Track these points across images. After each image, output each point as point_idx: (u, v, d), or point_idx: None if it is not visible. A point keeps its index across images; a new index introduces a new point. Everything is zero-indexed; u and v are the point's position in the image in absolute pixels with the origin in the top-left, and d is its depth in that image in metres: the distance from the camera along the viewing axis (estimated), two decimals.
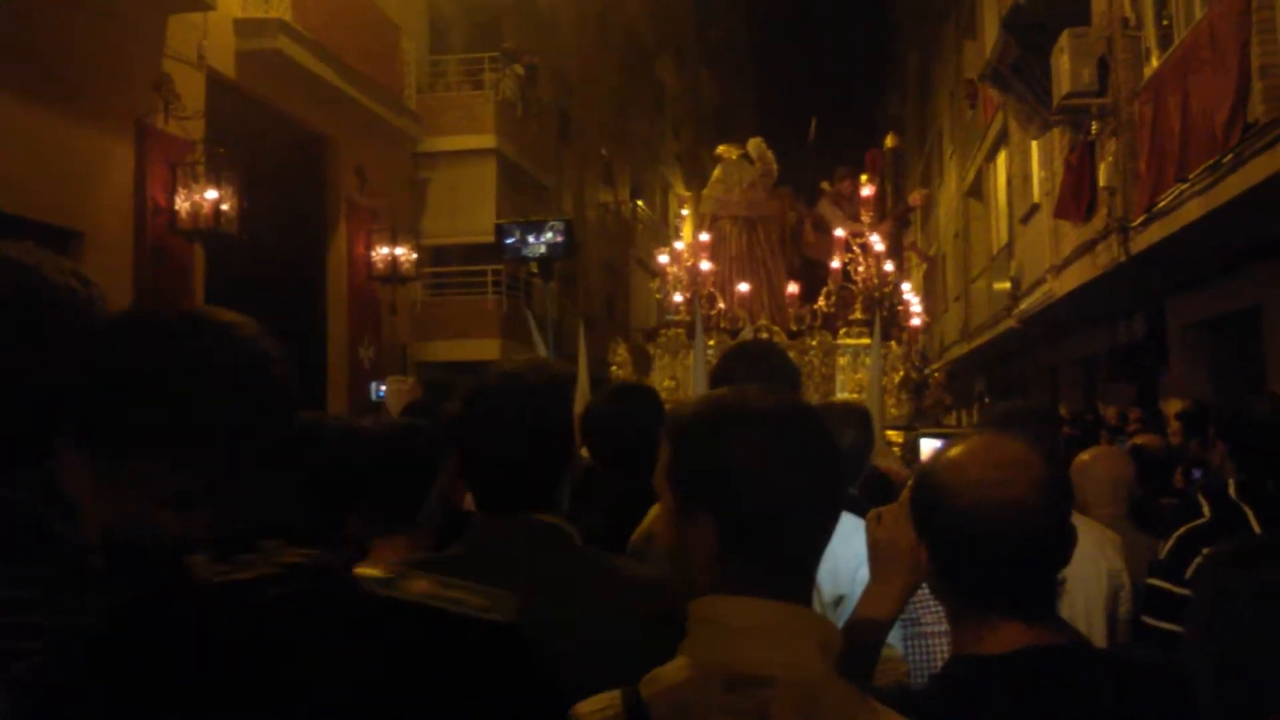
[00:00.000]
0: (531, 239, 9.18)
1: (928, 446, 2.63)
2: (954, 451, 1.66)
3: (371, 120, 15.84)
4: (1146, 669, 1.69)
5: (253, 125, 13.24)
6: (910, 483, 1.75)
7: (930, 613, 2.58)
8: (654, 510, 2.77)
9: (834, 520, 1.47)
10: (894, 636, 2.54)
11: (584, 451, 3.22)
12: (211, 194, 11.50)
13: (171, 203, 11.49)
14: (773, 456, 1.40)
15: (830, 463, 1.46)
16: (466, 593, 1.36)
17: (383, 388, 12.96)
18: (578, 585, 1.86)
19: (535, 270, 10.54)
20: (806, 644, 1.38)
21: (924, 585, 1.81)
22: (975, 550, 1.57)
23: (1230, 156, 7.51)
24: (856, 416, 3.27)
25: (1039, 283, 14.86)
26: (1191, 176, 8.28)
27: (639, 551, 2.63)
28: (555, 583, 1.83)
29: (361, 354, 15.71)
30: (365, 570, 2.29)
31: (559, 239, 9.06)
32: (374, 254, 16.03)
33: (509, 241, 9.42)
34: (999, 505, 1.55)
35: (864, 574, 2.38)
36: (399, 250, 16.15)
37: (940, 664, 2.56)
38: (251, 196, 11.98)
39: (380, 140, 16.47)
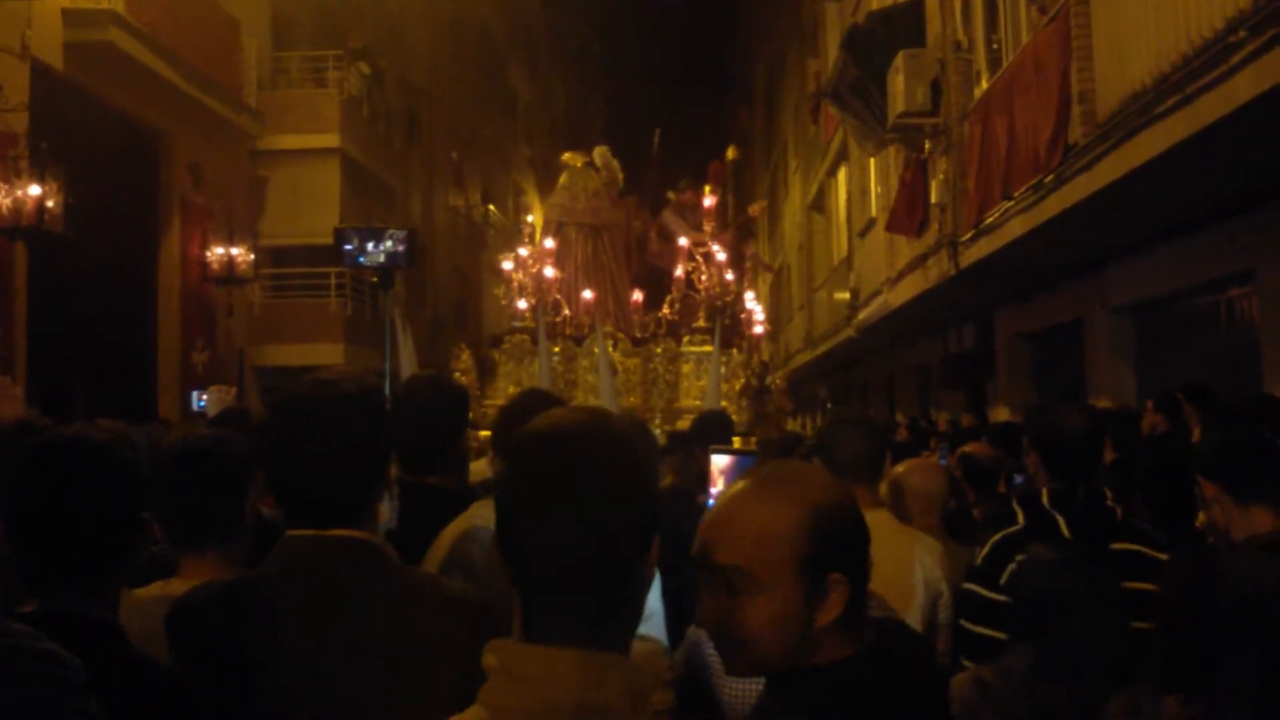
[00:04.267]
0: (371, 246, 8.94)
1: (718, 462, 2.63)
2: (821, 476, 1.67)
3: (208, 116, 15.34)
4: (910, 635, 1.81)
5: (82, 119, 12.68)
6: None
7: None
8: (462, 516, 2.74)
9: (639, 558, 1.38)
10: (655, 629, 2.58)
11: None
12: (35, 190, 10.96)
13: None
14: (538, 491, 1.35)
15: (617, 494, 1.36)
16: None
17: (203, 397, 12.45)
18: (391, 605, 1.81)
19: (375, 279, 10.29)
20: (609, 692, 1.32)
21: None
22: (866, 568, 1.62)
23: (1051, 177, 7.85)
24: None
25: (876, 294, 15.30)
26: (1016, 195, 8.62)
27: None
28: (366, 602, 1.78)
29: (195, 358, 15.18)
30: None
31: (400, 248, 8.85)
32: (209, 254, 15.52)
33: (347, 248, 9.17)
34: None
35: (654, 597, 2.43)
36: (235, 250, 15.68)
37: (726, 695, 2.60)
38: (79, 193, 11.46)
39: (217, 137, 15.96)
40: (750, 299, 12.62)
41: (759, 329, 11.97)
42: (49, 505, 1.80)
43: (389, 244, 8.74)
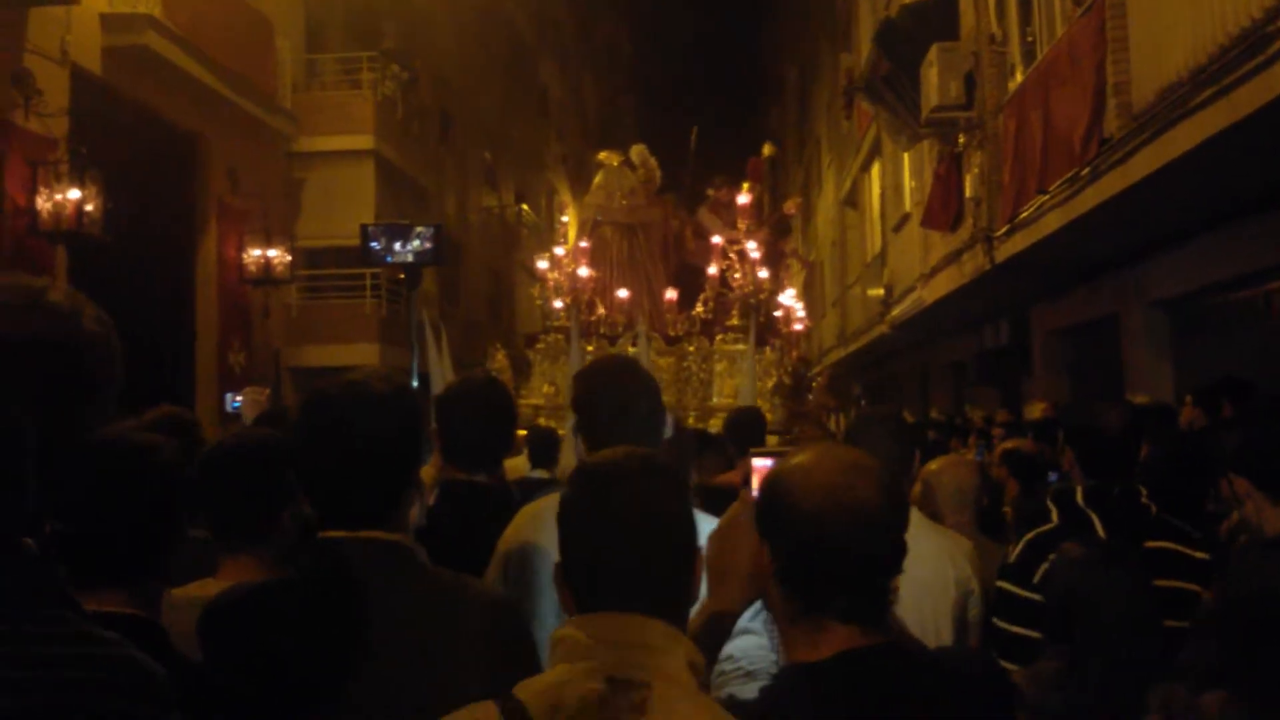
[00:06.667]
0: (399, 245, 8.85)
1: (760, 465, 2.61)
2: (802, 458, 1.67)
3: (244, 119, 15.47)
4: (963, 665, 1.74)
5: (120, 123, 12.82)
6: (745, 491, 1.79)
7: None
8: (519, 515, 2.75)
9: (684, 573, 1.63)
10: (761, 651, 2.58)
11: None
12: (75, 194, 11.09)
13: (32, 203, 11.04)
14: (595, 514, 1.62)
15: (659, 516, 1.61)
16: None
17: (238, 399, 12.51)
18: (420, 607, 1.82)
19: (402, 276, 10.24)
20: (678, 659, 1.52)
21: None
22: (819, 554, 1.58)
23: (1087, 170, 7.78)
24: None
25: (910, 290, 15.22)
26: (1051, 189, 8.55)
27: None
28: (395, 605, 1.80)
29: (232, 360, 15.31)
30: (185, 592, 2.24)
31: (427, 246, 8.76)
32: (246, 256, 15.64)
33: (374, 246, 9.10)
34: (846, 509, 1.57)
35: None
36: (272, 252, 15.79)
37: None
38: (118, 197, 11.59)
39: (253, 140, 16.08)
40: (790, 296, 12.58)
41: (798, 326, 11.93)
42: (88, 507, 1.82)
43: (416, 242, 8.64)
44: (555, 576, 1.64)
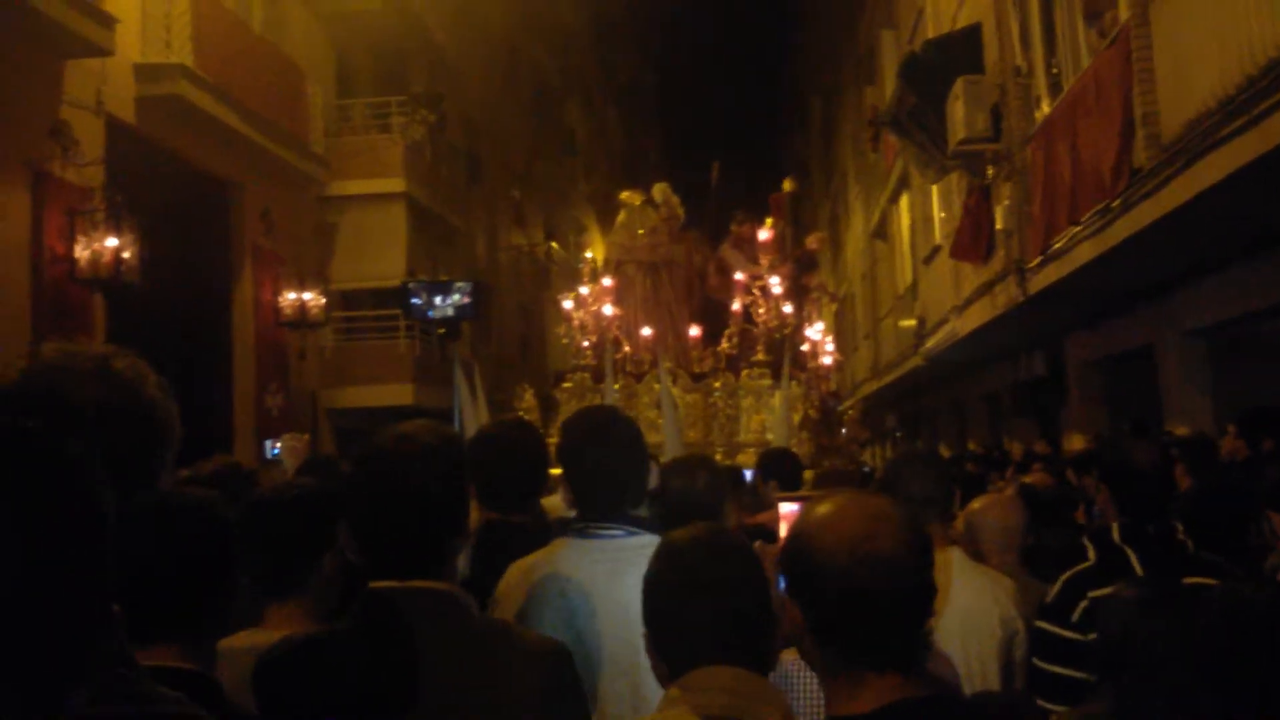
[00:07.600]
0: (439, 300, 8.97)
1: (786, 510, 2.61)
2: (821, 510, 1.65)
3: (277, 165, 15.67)
4: (1005, 713, 1.78)
5: (155, 171, 13.00)
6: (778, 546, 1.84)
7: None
8: (509, 571, 2.76)
9: (762, 618, 1.87)
10: None
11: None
12: (112, 242, 11.24)
13: (70, 251, 11.21)
14: (688, 587, 1.86)
15: (744, 587, 1.87)
16: None
17: (277, 445, 12.59)
18: (472, 657, 1.84)
19: (442, 331, 10.28)
20: (768, 708, 1.77)
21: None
22: (854, 607, 1.57)
23: (1118, 201, 7.75)
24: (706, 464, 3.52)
25: (943, 322, 15.16)
26: (1083, 220, 8.52)
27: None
28: (449, 655, 1.81)
29: (269, 402, 15.42)
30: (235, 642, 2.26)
31: (466, 300, 8.85)
32: (281, 300, 15.80)
33: (415, 302, 9.21)
34: (870, 560, 1.56)
35: None
36: (307, 295, 15.93)
37: None
38: (154, 244, 11.73)
39: (286, 185, 16.28)
40: (818, 330, 12.55)
41: (827, 359, 11.89)
42: (146, 561, 1.84)
43: (456, 297, 8.72)
44: (646, 646, 1.86)
